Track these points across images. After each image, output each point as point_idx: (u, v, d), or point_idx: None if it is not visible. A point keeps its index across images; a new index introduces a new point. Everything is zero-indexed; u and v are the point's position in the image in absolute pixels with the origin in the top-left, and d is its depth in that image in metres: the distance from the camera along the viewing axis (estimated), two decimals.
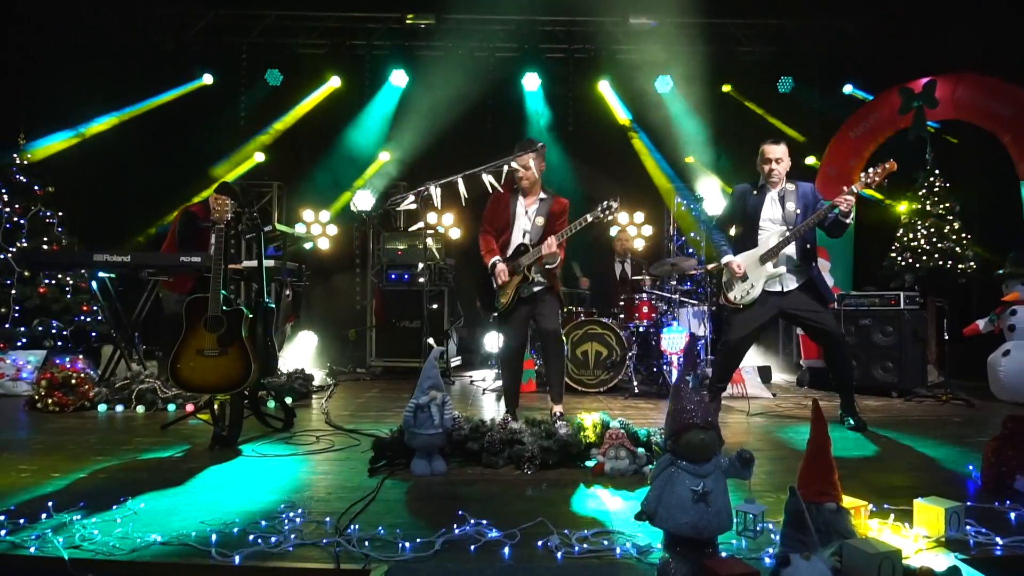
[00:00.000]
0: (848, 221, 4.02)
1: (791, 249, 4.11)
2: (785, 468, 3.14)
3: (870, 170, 3.90)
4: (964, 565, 1.89)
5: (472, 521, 2.26)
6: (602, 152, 8.58)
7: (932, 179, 6.19)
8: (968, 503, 2.49)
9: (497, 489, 2.77)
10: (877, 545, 1.78)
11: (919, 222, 6.16)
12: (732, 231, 4.46)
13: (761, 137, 4.45)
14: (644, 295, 6.25)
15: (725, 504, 1.82)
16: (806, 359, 6.63)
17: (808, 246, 4.14)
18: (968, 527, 2.20)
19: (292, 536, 2.13)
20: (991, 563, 1.98)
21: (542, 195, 4.18)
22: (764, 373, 6.44)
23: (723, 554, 1.92)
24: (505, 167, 3.71)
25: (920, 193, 6.20)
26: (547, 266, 4.03)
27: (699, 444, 1.83)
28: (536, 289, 4.06)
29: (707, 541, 1.83)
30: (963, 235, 6.10)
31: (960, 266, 5.97)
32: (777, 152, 4.20)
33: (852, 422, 4.18)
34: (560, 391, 4.19)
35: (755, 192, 4.29)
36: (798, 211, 4.16)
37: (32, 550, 1.99)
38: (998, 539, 2.12)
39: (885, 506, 2.40)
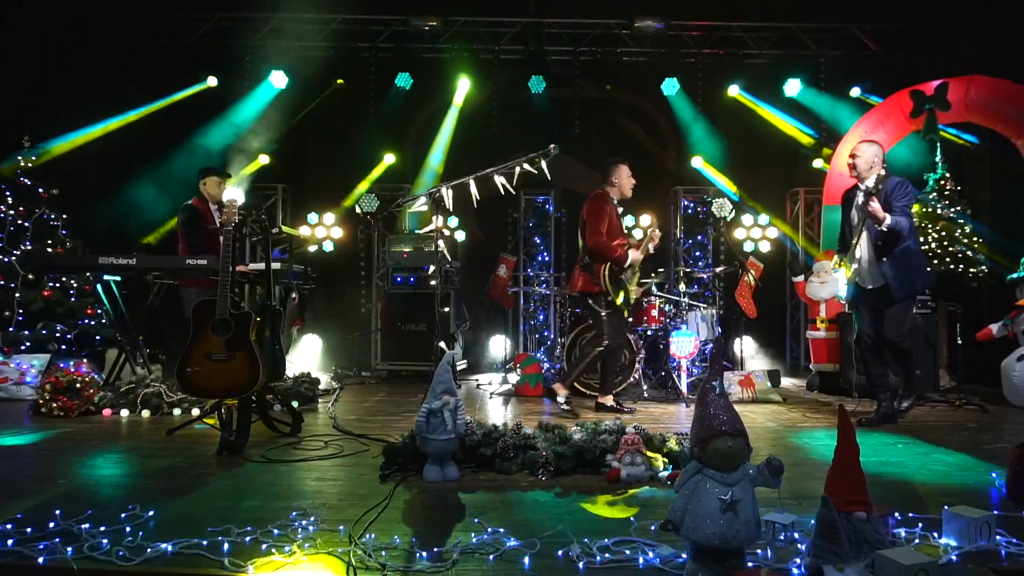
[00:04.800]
0: None
1: None
2: (802, 474, 3.09)
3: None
4: None
5: (489, 529, 2.21)
6: (607, 155, 8.51)
7: (943, 182, 6.14)
8: (995, 512, 2.44)
9: (512, 496, 2.71)
10: (910, 556, 1.73)
11: (930, 225, 6.10)
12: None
13: (768, 140, 4.49)
14: (652, 298, 6.20)
15: (754, 514, 1.76)
16: (815, 363, 6.57)
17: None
18: (998, 537, 2.14)
19: (306, 545, 2.08)
20: None
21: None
22: (773, 377, 6.38)
23: (749, 564, 1.86)
24: (517, 168, 3.67)
25: (931, 196, 6.14)
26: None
27: (727, 452, 1.77)
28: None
29: (734, 551, 1.78)
30: (975, 238, 6.05)
31: (972, 270, 5.91)
32: None
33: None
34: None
35: None
36: None
37: (41, 560, 1.94)
38: None
39: (911, 515, 2.35)
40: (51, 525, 2.20)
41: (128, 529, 2.19)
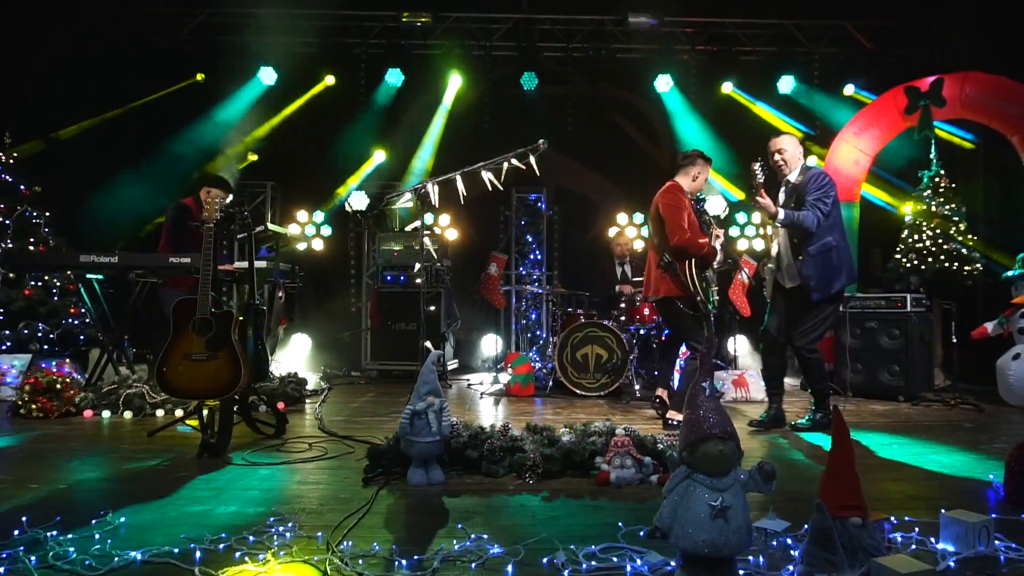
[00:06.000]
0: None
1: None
2: (794, 476, 3.03)
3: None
4: None
5: (472, 536, 2.14)
6: (600, 152, 8.48)
7: (937, 179, 6.09)
8: (992, 515, 2.38)
9: (498, 500, 2.64)
10: (908, 564, 1.67)
11: (924, 223, 6.05)
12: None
13: (761, 137, 4.41)
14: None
15: (745, 520, 1.69)
16: None
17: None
18: (997, 542, 2.08)
19: (281, 553, 2.00)
20: None
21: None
22: None
23: (740, 572, 1.79)
24: (505, 164, 3.60)
25: (925, 194, 6.10)
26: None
27: (717, 456, 1.70)
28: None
29: (725, 559, 1.71)
30: (969, 236, 6.00)
31: (967, 268, 5.87)
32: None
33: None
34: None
35: None
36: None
37: (1, 570, 1.86)
38: None
39: (907, 519, 2.29)
40: (16, 532, 2.12)
41: (97, 536, 2.12)
